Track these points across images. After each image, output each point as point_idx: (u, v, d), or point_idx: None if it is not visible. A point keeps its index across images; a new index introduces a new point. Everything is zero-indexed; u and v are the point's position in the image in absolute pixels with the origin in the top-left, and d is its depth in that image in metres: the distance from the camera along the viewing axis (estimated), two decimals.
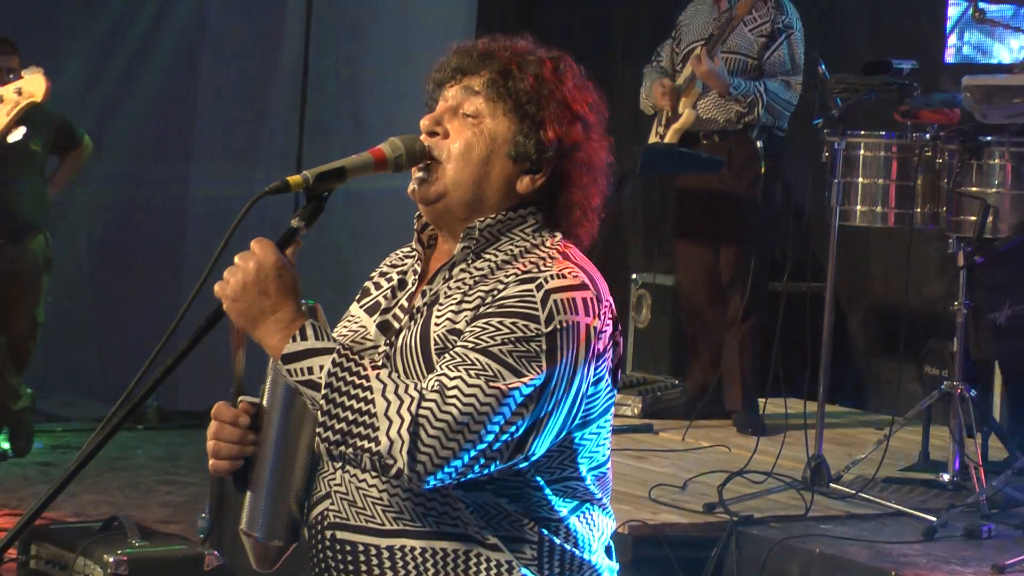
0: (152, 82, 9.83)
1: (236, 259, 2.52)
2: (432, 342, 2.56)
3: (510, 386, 2.45)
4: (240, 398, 2.62)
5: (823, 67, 6.41)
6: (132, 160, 9.86)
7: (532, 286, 2.53)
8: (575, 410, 2.55)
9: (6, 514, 6.92)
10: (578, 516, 2.62)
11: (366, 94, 9.89)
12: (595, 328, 2.55)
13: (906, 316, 6.24)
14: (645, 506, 5.42)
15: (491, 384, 2.44)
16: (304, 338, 2.47)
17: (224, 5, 9.83)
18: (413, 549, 2.56)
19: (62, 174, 8.55)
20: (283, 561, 2.66)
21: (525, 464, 2.53)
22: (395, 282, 2.74)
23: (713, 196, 6.99)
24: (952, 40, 8.18)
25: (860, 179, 6.06)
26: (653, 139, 7.13)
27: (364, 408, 2.43)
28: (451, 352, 2.50)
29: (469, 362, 2.46)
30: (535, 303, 2.51)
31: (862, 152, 6.06)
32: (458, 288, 2.60)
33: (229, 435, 2.60)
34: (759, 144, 6.83)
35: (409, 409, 2.41)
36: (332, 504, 2.61)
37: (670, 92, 7.01)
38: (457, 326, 2.54)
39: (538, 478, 2.58)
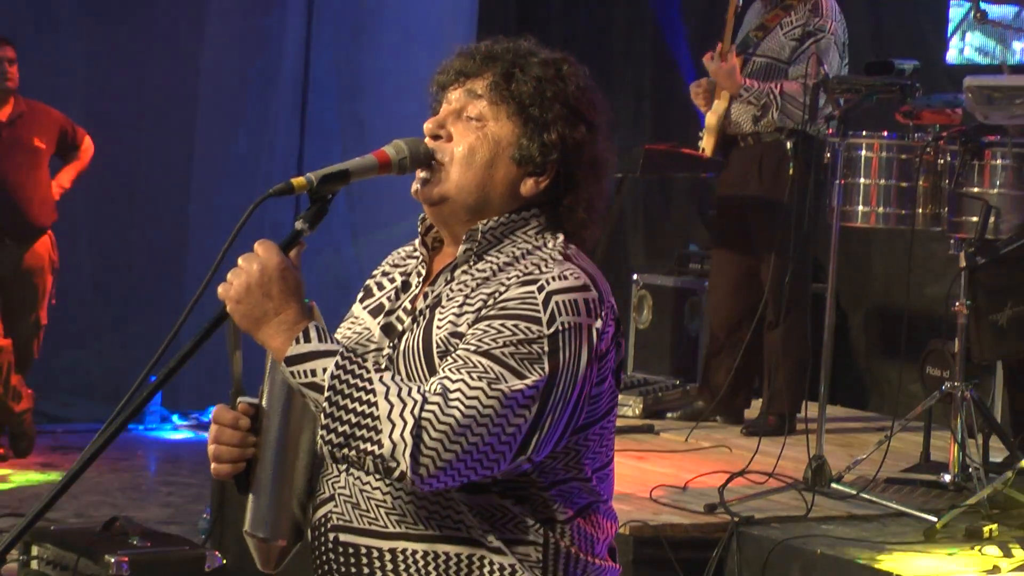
0: (152, 82, 9.83)
1: (240, 261, 2.52)
2: (434, 344, 2.56)
3: (512, 388, 2.45)
4: (239, 399, 2.62)
5: (824, 67, 6.41)
6: (132, 160, 9.87)
7: (534, 288, 2.53)
8: (578, 412, 2.55)
9: (8, 515, 6.91)
10: (583, 517, 2.62)
11: (367, 95, 9.90)
12: (597, 329, 2.55)
13: (907, 317, 6.23)
14: (646, 506, 5.42)
15: (493, 387, 2.44)
16: (308, 340, 2.47)
17: (225, 5, 9.83)
18: (416, 552, 2.56)
19: (66, 175, 8.51)
20: (287, 561, 2.66)
21: (528, 466, 2.53)
22: (398, 283, 2.74)
23: (747, 201, 6.94)
24: (954, 41, 8.18)
25: (861, 180, 6.06)
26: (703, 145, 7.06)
27: (367, 411, 2.42)
28: (453, 355, 2.50)
29: (471, 364, 2.46)
30: (537, 305, 2.51)
31: (863, 153, 6.06)
32: (460, 290, 2.60)
33: (230, 438, 2.60)
34: (788, 146, 6.78)
35: (412, 412, 2.41)
36: (336, 506, 2.61)
37: (705, 90, 6.96)
38: (459, 329, 2.54)
39: (543, 479, 2.58)
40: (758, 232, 6.90)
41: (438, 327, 2.57)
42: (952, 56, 8.20)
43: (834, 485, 5.62)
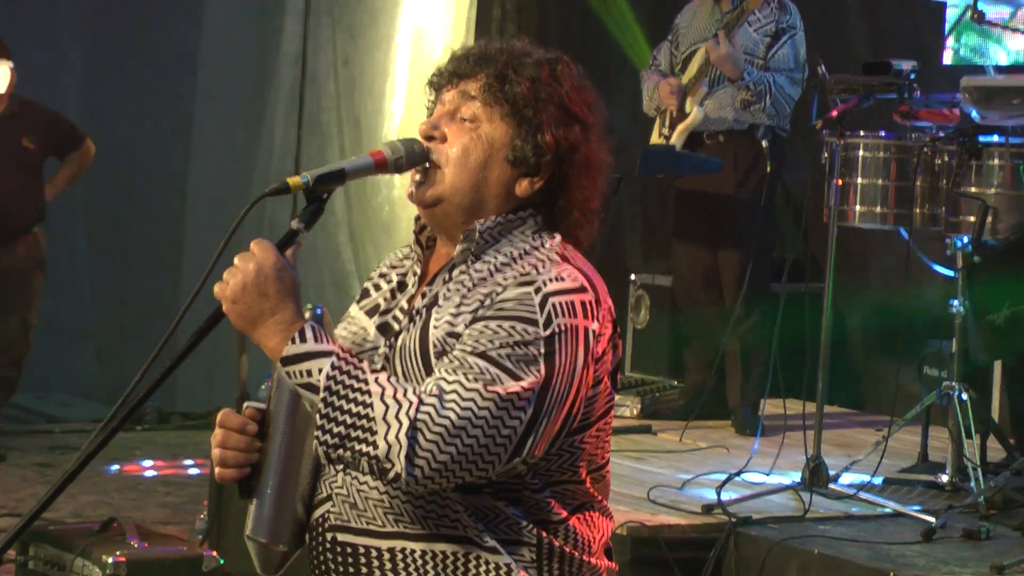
0: (151, 82, 9.83)
1: (236, 260, 2.52)
2: (431, 344, 2.56)
3: (508, 390, 2.45)
4: (245, 404, 2.62)
5: (822, 67, 6.41)
6: (130, 160, 9.86)
7: (531, 289, 2.53)
8: (574, 413, 2.55)
9: (5, 515, 6.91)
10: (577, 517, 2.62)
11: (364, 94, 9.89)
12: (594, 331, 2.55)
13: (905, 317, 6.23)
14: (643, 507, 5.42)
15: (489, 388, 2.44)
16: (303, 340, 2.47)
17: (223, 5, 9.83)
18: (413, 551, 2.56)
19: (61, 176, 8.45)
20: (288, 565, 2.66)
21: (523, 467, 2.53)
22: (395, 283, 2.74)
23: (717, 197, 6.97)
24: (950, 42, 8.18)
25: (859, 179, 6.06)
26: (656, 140, 7.10)
27: (362, 412, 2.42)
28: (450, 355, 2.50)
29: (467, 366, 2.46)
30: (533, 306, 2.51)
31: (861, 153, 6.06)
32: (457, 290, 2.60)
33: (236, 443, 2.59)
34: (764, 144, 6.81)
35: (407, 413, 2.41)
36: (333, 506, 2.61)
37: (678, 91, 6.97)
38: (456, 329, 2.54)
39: (537, 480, 2.58)
40: (730, 228, 6.93)
41: (435, 327, 2.57)
42: (949, 56, 8.20)
43: (832, 485, 5.62)
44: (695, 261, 7.12)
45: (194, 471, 8.18)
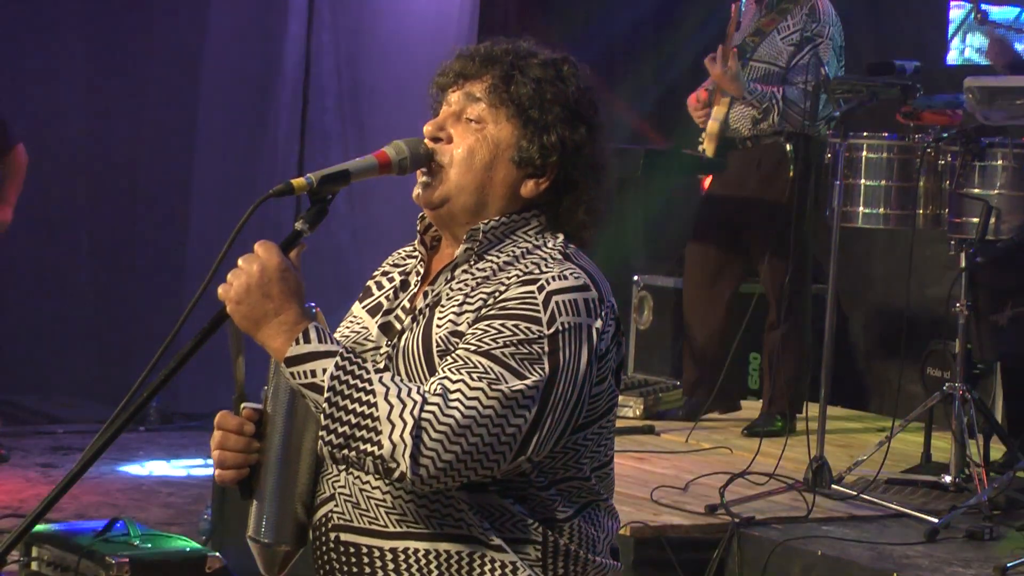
0: (153, 83, 9.83)
1: (240, 262, 2.52)
2: (434, 344, 2.56)
3: (512, 388, 2.45)
4: (243, 405, 2.62)
5: (825, 68, 6.40)
6: (133, 160, 9.86)
7: (534, 287, 2.53)
8: (578, 411, 2.55)
9: (8, 516, 6.91)
10: (583, 516, 2.63)
11: (367, 96, 9.90)
12: (598, 329, 2.55)
13: (908, 317, 6.23)
14: (646, 507, 5.42)
15: (493, 387, 2.44)
16: (307, 341, 2.47)
17: (226, 6, 9.84)
18: (417, 551, 2.56)
19: (4, 196, 7.97)
20: (291, 566, 2.66)
21: (528, 465, 2.53)
22: (397, 283, 2.74)
23: (743, 202, 6.93)
24: (955, 43, 8.19)
25: (862, 181, 6.05)
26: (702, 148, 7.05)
27: (367, 412, 2.42)
28: (453, 355, 2.50)
29: (471, 365, 2.46)
30: (537, 305, 2.51)
31: (864, 153, 6.05)
32: (460, 290, 2.60)
33: (234, 444, 2.60)
34: (788, 148, 6.77)
35: (412, 412, 2.41)
36: (336, 506, 2.61)
37: (703, 102, 6.94)
38: (459, 328, 2.55)
39: (543, 478, 2.58)
40: (755, 233, 6.90)
41: (438, 326, 2.57)
42: (953, 57, 8.20)
43: (835, 486, 5.62)
44: (706, 262, 7.08)
45: (197, 472, 8.19)
